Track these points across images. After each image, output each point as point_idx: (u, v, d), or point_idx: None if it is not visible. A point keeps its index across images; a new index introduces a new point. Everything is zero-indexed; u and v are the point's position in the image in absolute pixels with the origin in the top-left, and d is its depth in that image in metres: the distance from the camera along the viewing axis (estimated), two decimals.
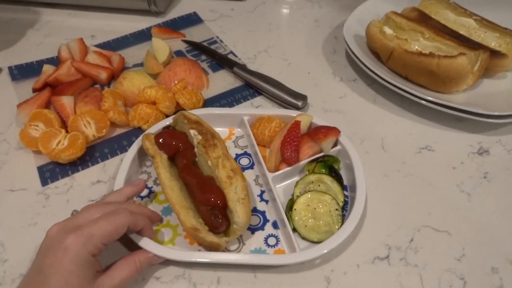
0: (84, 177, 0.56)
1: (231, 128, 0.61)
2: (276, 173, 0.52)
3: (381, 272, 0.45)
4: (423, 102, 0.60)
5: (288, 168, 0.53)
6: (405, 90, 0.61)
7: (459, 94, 0.62)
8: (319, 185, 0.51)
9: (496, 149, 0.58)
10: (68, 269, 0.37)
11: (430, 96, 0.59)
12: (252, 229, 0.50)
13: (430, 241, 0.48)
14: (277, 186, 0.53)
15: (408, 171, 0.55)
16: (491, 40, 0.67)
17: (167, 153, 0.52)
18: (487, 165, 0.56)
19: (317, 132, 0.53)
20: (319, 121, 0.56)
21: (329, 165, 0.52)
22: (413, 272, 0.45)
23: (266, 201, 0.53)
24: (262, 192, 0.54)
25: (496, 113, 0.56)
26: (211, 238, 0.45)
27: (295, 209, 0.48)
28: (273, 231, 0.50)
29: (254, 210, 0.52)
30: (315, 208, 0.48)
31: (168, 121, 0.59)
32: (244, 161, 0.58)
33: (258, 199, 0.53)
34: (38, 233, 0.50)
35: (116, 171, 0.57)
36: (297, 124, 0.54)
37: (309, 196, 0.49)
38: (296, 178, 0.54)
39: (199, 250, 0.48)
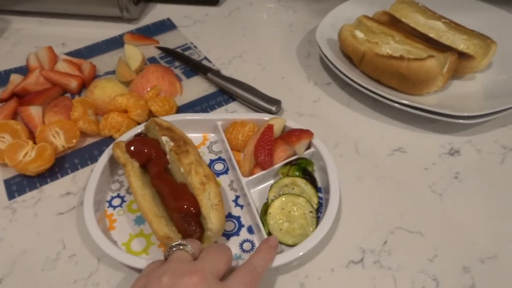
0: (53, 189, 0.55)
1: (205, 134, 0.61)
2: (250, 178, 0.52)
3: (355, 276, 0.45)
4: (396, 105, 0.60)
5: (262, 172, 0.52)
6: (377, 93, 0.61)
7: (430, 96, 0.63)
8: (293, 188, 0.51)
9: (466, 149, 0.59)
10: None
11: (402, 98, 0.60)
12: (227, 235, 0.49)
13: (403, 243, 0.48)
14: (252, 190, 0.53)
15: (381, 174, 0.55)
16: (460, 42, 0.68)
17: (138, 160, 0.51)
18: (458, 165, 0.56)
19: (290, 135, 0.53)
20: (293, 124, 0.56)
21: (302, 168, 0.52)
22: (386, 274, 0.45)
23: (241, 206, 0.52)
24: (237, 197, 0.53)
25: (466, 114, 0.57)
26: None
27: (269, 213, 0.48)
28: (249, 236, 0.49)
29: (229, 216, 0.51)
30: (289, 212, 0.48)
31: (140, 128, 0.58)
32: (219, 166, 0.57)
33: (233, 204, 0.53)
34: (4, 248, 0.48)
35: (86, 182, 0.55)
36: (270, 127, 0.53)
37: (283, 199, 0.49)
38: (271, 182, 0.54)
39: None
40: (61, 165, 0.57)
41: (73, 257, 0.47)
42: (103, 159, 0.54)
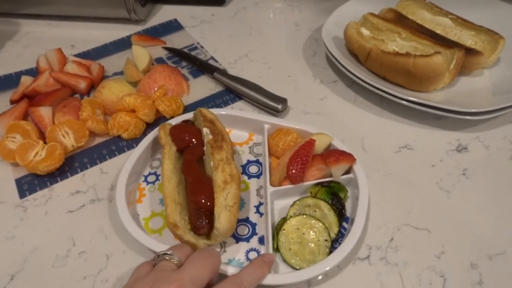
0: (63, 188, 0.56)
1: (251, 133, 0.61)
2: (276, 188, 0.50)
3: (361, 272, 0.45)
4: (403, 102, 0.60)
5: (290, 186, 0.50)
6: (384, 91, 0.61)
7: (437, 92, 0.63)
8: (315, 210, 0.48)
9: (474, 146, 0.58)
10: None
11: (409, 95, 0.59)
12: (238, 238, 0.49)
13: (410, 239, 0.48)
14: (276, 201, 0.52)
15: (388, 171, 0.55)
16: (467, 38, 0.67)
17: (177, 145, 0.53)
18: (465, 162, 0.56)
19: (330, 155, 0.50)
20: (339, 144, 0.54)
21: (333, 192, 0.49)
22: (393, 271, 0.45)
23: (261, 214, 0.51)
24: (260, 204, 0.52)
25: (473, 110, 0.57)
26: (188, 237, 0.45)
27: (283, 229, 0.46)
28: (257, 246, 0.48)
29: (246, 220, 0.51)
30: (304, 233, 0.46)
31: (190, 115, 0.59)
32: (254, 169, 0.57)
33: (254, 210, 0.52)
34: (16, 246, 0.49)
35: (96, 180, 0.56)
36: (311, 142, 0.51)
37: (301, 219, 0.47)
38: (297, 198, 0.51)
39: None
40: (71, 164, 0.58)
41: (83, 254, 0.48)
42: (149, 137, 0.57)
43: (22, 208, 0.53)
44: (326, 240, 0.45)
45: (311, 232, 0.46)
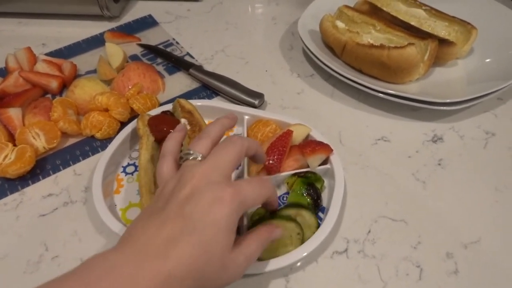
0: (35, 191, 0.54)
1: None
2: None
3: (339, 266, 0.45)
4: (379, 94, 0.60)
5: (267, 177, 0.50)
6: (360, 83, 0.61)
7: (412, 84, 0.63)
8: (297, 217, 0.46)
9: (449, 136, 0.59)
10: (223, 224, 0.32)
11: (384, 87, 0.59)
12: None
13: (387, 231, 0.48)
14: None
15: (365, 163, 0.55)
16: (441, 29, 0.68)
17: (155, 136, 0.52)
18: (441, 152, 0.57)
19: (306, 146, 0.50)
20: (317, 135, 0.54)
21: (309, 182, 0.49)
22: (370, 263, 0.45)
23: None
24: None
25: (448, 101, 0.57)
26: None
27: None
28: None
29: None
30: None
31: (169, 107, 0.59)
32: None
33: None
34: None
35: (69, 182, 0.55)
36: (288, 133, 0.51)
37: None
38: None
39: None
40: (43, 167, 0.57)
41: (56, 259, 0.47)
42: (128, 128, 0.57)
43: None
44: (298, 234, 0.44)
45: (283, 231, 0.44)
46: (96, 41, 0.78)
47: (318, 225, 0.46)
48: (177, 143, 0.42)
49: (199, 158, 0.37)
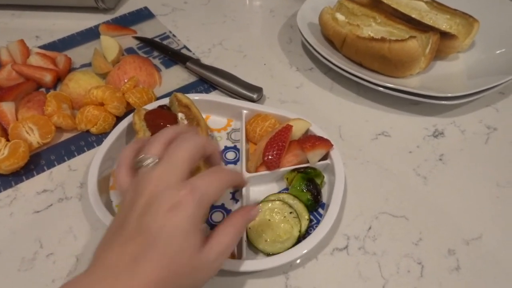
0: (29, 187, 0.53)
1: (230, 119, 0.60)
2: (252, 174, 0.49)
3: (340, 263, 0.44)
4: (379, 88, 0.59)
5: (266, 172, 0.49)
6: (360, 77, 0.60)
7: (413, 77, 0.62)
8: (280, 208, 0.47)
9: (450, 131, 0.58)
10: (184, 228, 0.31)
11: (385, 81, 0.59)
12: (212, 225, 0.48)
13: (387, 227, 0.47)
14: (252, 188, 0.51)
15: (365, 158, 0.55)
16: (442, 22, 0.67)
17: (152, 131, 0.51)
18: (442, 147, 0.56)
19: (306, 141, 0.49)
20: (317, 130, 0.53)
21: (309, 178, 0.48)
22: (371, 260, 0.45)
23: (237, 201, 0.50)
24: (236, 190, 0.52)
25: (449, 95, 0.56)
26: None
27: (249, 228, 0.45)
28: None
29: (221, 207, 0.50)
30: (269, 220, 0.45)
31: (166, 101, 0.57)
32: (231, 155, 0.56)
33: (230, 196, 0.51)
34: None
35: (64, 178, 0.54)
36: (288, 128, 0.50)
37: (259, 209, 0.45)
38: (273, 184, 0.51)
39: None
40: (37, 162, 0.55)
41: (51, 256, 0.46)
42: (124, 122, 0.56)
43: None
44: (291, 212, 0.45)
45: (274, 214, 0.46)
46: (91, 34, 0.76)
47: (308, 210, 0.46)
48: (132, 151, 0.40)
49: (155, 162, 0.36)
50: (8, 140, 0.55)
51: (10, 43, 0.69)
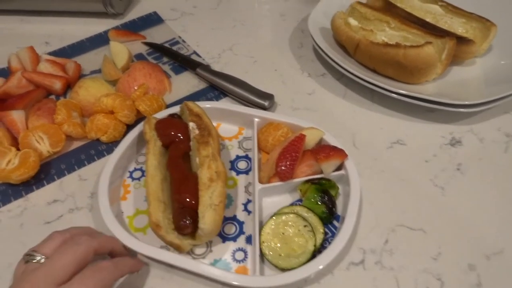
0: (39, 197, 0.52)
1: (241, 127, 0.59)
2: (265, 186, 0.48)
3: (356, 278, 0.43)
4: (393, 95, 0.58)
5: (279, 183, 0.48)
6: (374, 84, 0.58)
7: (429, 84, 0.60)
8: (294, 221, 0.45)
9: (468, 139, 0.56)
10: None
11: (400, 88, 0.57)
12: (224, 238, 0.47)
13: (405, 241, 0.46)
14: (264, 199, 0.50)
15: (380, 168, 0.53)
16: (458, 26, 0.65)
17: (162, 140, 0.51)
18: (460, 156, 0.54)
19: (320, 151, 0.48)
20: (330, 139, 0.52)
21: (323, 190, 0.47)
22: (389, 275, 0.43)
23: (249, 212, 0.49)
24: (249, 201, 0.50)
25: (467, 102, 0.55)
26: (171, 238, 0.43)
27: (263, 242, 0.44)
28: (245, 246, 0.46)
29: (234, 219, 0.49)
30: (283, 233, 0.44)
31: (176, 109, 0.57)
32: (242, 165, 0.55)
33: (242, 207, 0.50)
34: None
35: (74, 188, 0.53)
36: (301, 138, 0.49)
37: (273, 222, 0.45)
38: (286, 195, 0.50)
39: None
40: (47, 172, 0.55)
41: None
42: (135, 131, 0.55)
43: None
44: (305, 226, 0.44)
45: (287, 228, 0.45)
46: (100, 40, 0.76)
47: (323, 223, 0.45)
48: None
49: (42, 261, 0.37)
50: (18, 149, 0.54)
51: (20, 50, 0.68)
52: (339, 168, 0.50)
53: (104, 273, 0.37)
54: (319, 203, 0.46)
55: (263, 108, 0.60)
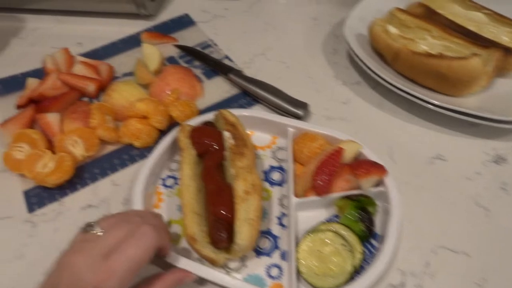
0: (73, 202, 0.53)
1: (275, 136, 0.58)
2: (301, 200, 0.47)
3: None
4: (433, 107, 0.55)
5: (315, 198, 0.47)
6: (413, 95, 0.56)
7: (472, 97, 0.58)
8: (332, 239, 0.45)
9: None
10: None
11: (440, 100, 0.55)
12: (259, 252, 0.47)
13: (447, 264, 0.44)
14: (299, 213, 0.49)
15: (419, 184, 0.51)
16: (503, 36, 0.62)
17: (197, 149, 0.50)
18: (505, 174, 0.52)
19: (359, 166, 0.47)
20: (368, 153, 0.50)
21: (362, 207, 0.46)
22: None
23: (284, 226, 0.48)
24: (283, 215, 0.49)
25: (511, 119, 0.52)
26: (206, 252, 0.43)
27: (300, 260, 0.43)
28: (280, 262, 0.45)
29: (268, 233, 0.48)
30: (319, 251, 0.43)
31: (210, 116, 0.56)
32: (276, 176, 0.54)
33: (277, 221, 0.49)
34: (25, 267, 0.46)
35: (107, 193, 0.53)
36: (339, 151, 0.47)
37: (310, 240, 0.44)
38: (322, 210, 0.49)
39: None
40: (81, 176, 0.55)
41: None
42: (168, 138, 0.54)
43: (31, 224, 0.51)
44: (343, 244, 0.43)
45: (325, 246, 0.43)
46: (133, 41, 0.76)
47: (361, 242, 0.44)
48: None
49: (99, 233, 0.38)
50: (53, 151, 0.55)
51: (55, 52, 0.69)
52: (378, 183, 0.48)
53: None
54: (358, 221, 0.45)
55: (298, 117, 0.58)
